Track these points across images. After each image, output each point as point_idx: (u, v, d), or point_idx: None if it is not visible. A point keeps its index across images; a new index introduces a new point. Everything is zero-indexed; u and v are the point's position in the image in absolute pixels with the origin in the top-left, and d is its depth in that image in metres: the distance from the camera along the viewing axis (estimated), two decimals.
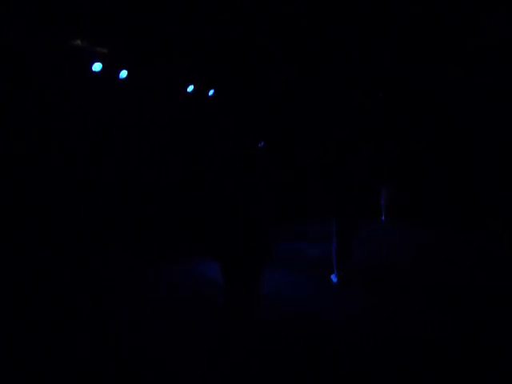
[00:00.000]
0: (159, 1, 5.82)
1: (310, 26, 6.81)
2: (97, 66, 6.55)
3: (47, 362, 3.24)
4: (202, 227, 3.36)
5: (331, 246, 4.92)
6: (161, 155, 8.38)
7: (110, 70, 6.81)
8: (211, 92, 9.10)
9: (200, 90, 8.82)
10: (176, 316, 3.97)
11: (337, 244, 4.86)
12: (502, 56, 6.91)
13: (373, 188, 4.96)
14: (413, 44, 7.18)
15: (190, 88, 8.58)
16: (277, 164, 7.24)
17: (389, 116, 9.79)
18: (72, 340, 3.55)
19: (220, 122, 2.56)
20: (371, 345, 3.37)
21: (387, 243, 6.87)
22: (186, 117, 8.79)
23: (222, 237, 2.84)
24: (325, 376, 2.97)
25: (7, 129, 5.85)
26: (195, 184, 8.09)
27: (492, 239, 7.08)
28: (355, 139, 4.75)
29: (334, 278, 4.92)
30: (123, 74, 7.06)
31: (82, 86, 6.58)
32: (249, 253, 2.79)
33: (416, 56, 7.79)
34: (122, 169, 4.29)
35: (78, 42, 6.30)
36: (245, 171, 2.78)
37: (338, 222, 4.80)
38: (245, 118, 2.51)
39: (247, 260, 2.81)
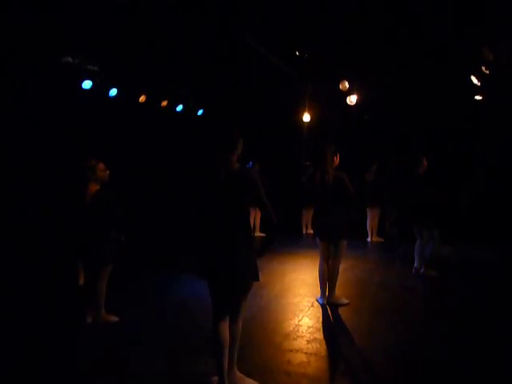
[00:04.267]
0: (150, 19, 5.90)
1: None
2: (87, 84, 6.59)
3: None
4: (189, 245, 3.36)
5: (317, 267, 4.95)
6: (148, 172, 8.41)
7: (100, 88, 6.86)
8: (200, 112, 9.24)
9: (189, 109, 8.94)
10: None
11: (322, 266, 4.88)
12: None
13: (358, 209, 5.02)
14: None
15: (179, 107, 8.69)
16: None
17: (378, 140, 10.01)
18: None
19: (208, 141, 2.58)
20: (354, 366, 3.37)
21: (374, 264, 6.91)
22: (175, 134, 8.87)
23: (211, 257, 2.84)
24: None
25: None
26: (182, 201, 8.08)
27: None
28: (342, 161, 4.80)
29: (320, 300, 4.93)
30: (113, 92, 7.12)
31: (72, 102, 6.60)
32: (241, 273, 2.78)
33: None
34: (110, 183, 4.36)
35: (69, 59, 6.34)
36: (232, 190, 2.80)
37: (324, 244, 4.83)
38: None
39: (237, 280, 2.80)
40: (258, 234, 9.09)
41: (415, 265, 6.24)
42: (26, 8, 5.03)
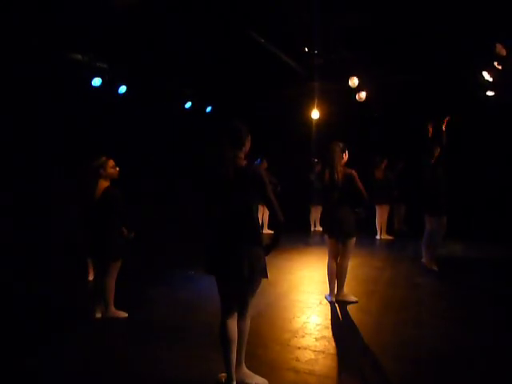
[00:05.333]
0: (158, 17, 5.91)
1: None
2: (96, 81, 6.63)
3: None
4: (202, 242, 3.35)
5: (326, 265, 4.93)
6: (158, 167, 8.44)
7: (110, 85, 6.90)
8: (209, 109, 9.24)
9: (198, 106, 8.95)
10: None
11: (331, 263, 4.87)
12: None
13: (367, 207, 5.01)
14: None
15: (188, 104, 8.71)
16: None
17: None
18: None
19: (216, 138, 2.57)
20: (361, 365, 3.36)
21: (382, 261, 6.88)
22: (183, 130, 8.89)
23: (219, 254, 2.84)
24: None
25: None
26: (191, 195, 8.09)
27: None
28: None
29: (328, 297, 4.92)
30: (122, 89, 7.15)
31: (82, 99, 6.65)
32: (249, 270, 2.78)
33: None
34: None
35: (79, 56, 6.38)
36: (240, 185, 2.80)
37: (333, 241, 4.81)
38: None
39: (245, 277, 2.79)
40: (266, 231, 9.09)
41: (423, 259, 6.36)
42: (35, 6, 5.06)
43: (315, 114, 9.54)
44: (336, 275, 4.84)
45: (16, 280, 5.45)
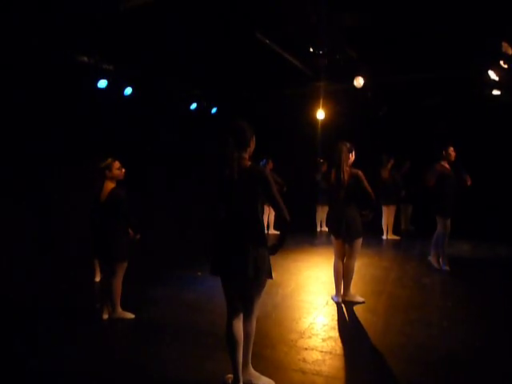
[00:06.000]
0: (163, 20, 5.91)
1: None
2: (102, 83, 6.66)
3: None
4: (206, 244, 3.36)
5: (332, 265, 4.91)
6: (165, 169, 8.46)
7: (116, 87, 6.92)
8: (214, 110, 9.24)
9: (203, 107, 8.96)
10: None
11: (337, 263, 4.85)
12: None
13: (372, 207, 4.98)
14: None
15: (193, 105, 8.72)
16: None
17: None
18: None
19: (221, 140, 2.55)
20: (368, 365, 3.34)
21: (389, 261, 6.84)
22: (189, 132, 8.90)
23: (225, 255, 2.84)
24: None
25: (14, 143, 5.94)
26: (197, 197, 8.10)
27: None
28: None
29: (334, 298, 4.90)
30: (128, 90, 7.17)
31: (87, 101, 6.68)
32: (254, 271, 2.77)
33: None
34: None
35: (85, 58, 6.40)
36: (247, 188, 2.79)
37: (339, 242, 4.79)
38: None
39: (250, 278, 2.79)
40: (271, 231, 9.09)
41: (429, 257, 6.43)
42: (41, 7, 5.08)
43: (320, 114, 9.51)
44: (342, 275, 4.82)
45: (19, 280, 5.47)
